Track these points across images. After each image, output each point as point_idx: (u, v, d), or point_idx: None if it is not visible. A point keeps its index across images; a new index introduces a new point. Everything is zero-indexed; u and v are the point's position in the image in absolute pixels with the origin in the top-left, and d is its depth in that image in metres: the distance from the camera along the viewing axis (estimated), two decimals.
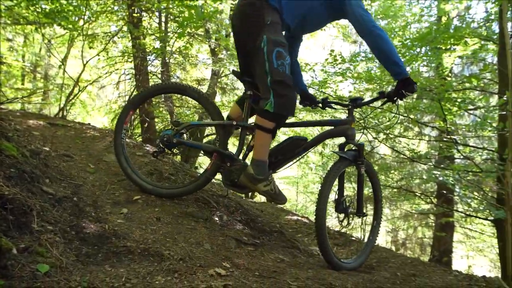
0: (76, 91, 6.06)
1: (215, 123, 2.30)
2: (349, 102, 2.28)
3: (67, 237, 1.58)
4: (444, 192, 6.53)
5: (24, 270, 1.23)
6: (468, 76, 5.35)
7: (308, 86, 3.34)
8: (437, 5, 7.04)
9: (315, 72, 6.12)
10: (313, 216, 2.24)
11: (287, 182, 12.24)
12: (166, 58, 6.29)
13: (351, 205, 2.30)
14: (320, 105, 2.41)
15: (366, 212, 2.37)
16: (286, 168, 2.34)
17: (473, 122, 6.04)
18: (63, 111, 5.29)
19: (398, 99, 2.10)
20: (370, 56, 6.32)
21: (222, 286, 1.48)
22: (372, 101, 2.34)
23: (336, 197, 2.27)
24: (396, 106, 2.25)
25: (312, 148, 2.38)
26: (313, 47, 11.73)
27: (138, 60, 5.77)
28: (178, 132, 2.29)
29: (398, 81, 2.01)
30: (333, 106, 2.49)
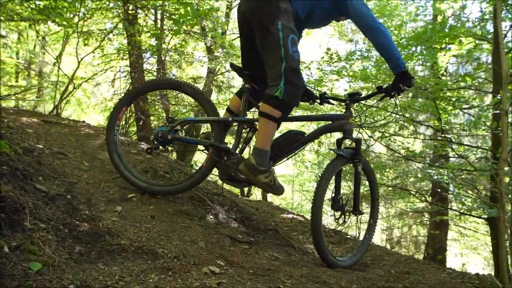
0: (71, 88, 6.01)
1: (211, 119, 2.28)
2: (347, 97, 2.30)
3: (60, 235, 1.57)
4: (439, 190, 6.57)
5: (15, 268, 1.22)
6: (463, 75, 5.37)
7: None
8: (432, 4, 7.06)
9: (311, 71, 6.12)
10: (308, 214, 2.24)
11: (283, 180, 12.25)
12: (162, 56, 6.26)
13: (348, 203, 2.32)
14: (318, 100, 2.40)
15: (362, 210, 2.38)
16: (283, 162, 2.33)
17: (467, 121, 6.08)
18: (57, 108, 5.25)
19: (396, 94, 2.14)
20: (365, 54, 6.34)
21: (216, 284, 1.47)
22: (370, 96, 2.37)
23: (332, 195, 2.28)
24: (393, 103, 2.28)
25: (310, 142, 2.38)
26: (309, 46, 11.75)
27: (134, 58, 5.73)
28: (173, 129, 2.28)
29: (396, 75, 2.06)
30: (330, 101, 2.48)
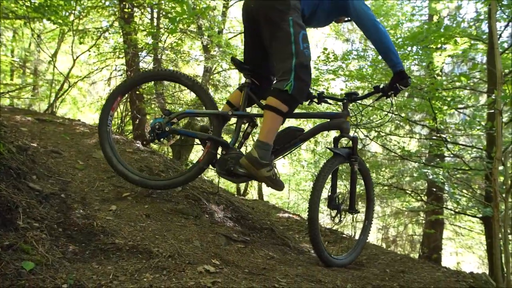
0: (66, 87, 5.98)
1: (210, 112, 2.23)
2: (344, 96, 2.33)
3: (53, 234, 1.56)
4: (434, 190, 6.60)
5: (8, 267, 1.21)
6: (458, 75, 5.40)
7: None
8: (428, 4, 7.09)
9: None
10: (305, 214, 2.24)
11: None
12: (158, 55, 6.24)
13: (344, 202, 2.33)
14: (315, 100, 2.40)
15: (358, 209, 2.40)
16: (281, 158, 2.32)
17: (462, 120, 6.11)
18: (52, 107, 5.22)
19: (393, 94, 2.17)
20: (362, 54, 6.35)
21: (210, 283, 1.47)
22: (367, 95, 2.40)
23: (329, 193, 2.30)
24: (389, 102, 2.31)
25: (308, 139, 2.38)
26: None
27: (130, 56, 5.71)
28: (171, 120, 2.21)
29: (393, 74, 2.10)
30: (328, 101, 2.49)
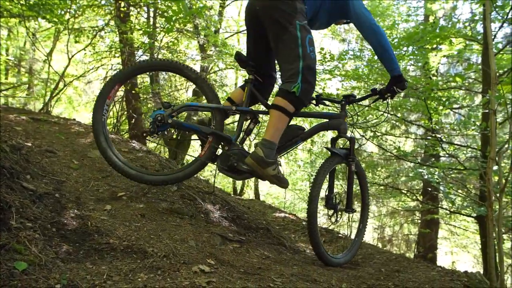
0: (61, 86, 5.94)
1: (214, 106, 2.18)
2: (342, 98, 2.38)
3: (47, 234, 1.55)
4: (430, 189, 6.63)
5: (0, 268, 1.20)
6: (453, 76, 5.42)
7: None
8: (424, 4, 7.13)
9: None
10: (301, 214, 2.26)
11: None
12: (154, 54, 6.21)
13: (341, 202, 2.37)
14: (313, 101, 2.43)
15: (355, 208, 2.43)
16: (281, 156, 2.33)
17: (457, 120, 6.15)
18: (47, 106, 5.18)
19: (389, 96, 2.23)
20: (358, 54, 6.37)
21: (205, 283, 1.47)
22: (364, 98, 2.46)
23: (326, 193, 2.32)
24: (385, 103, 2.35)
25: (308, 138, 2.41)
26: None
27: (126, 56, 5.68)
28: (174, 112, 2.14)
29: (391, 77, 2.15)
30: (326, 103, 2.52)
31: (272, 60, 2.29)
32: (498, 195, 2.34)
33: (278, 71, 2.35)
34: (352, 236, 2.54)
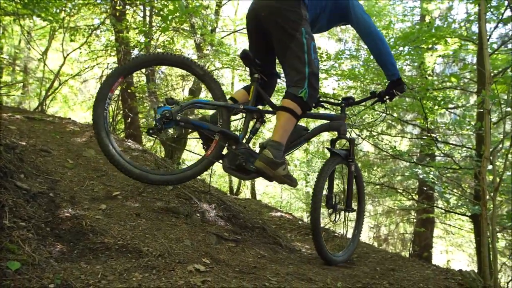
0: (57, 84, 5.91)
1: (221, 104, 2.12)
2: (341, 100, 2.44)
3: (41, 233, 1.54)
4: (425, 188, 6.66)
5: None
6: (449, 75, 5.46)
7: None
8: (420, 4, 7.16)
9: None
10: (297, 213, 2.27)
11: None
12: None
13: (340, 202, 2.42)
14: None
15: (355, 208, 2.48)
16: (285, 155, 2.35)
17: (453, 120, 6.18)
18: (42, 105, 5.15)
19: (388, 99, 2.29)
20: (354, 54, 6.39)
21: (200, 282, 1.47)
22: (363, 100, 2.51)
23: (326, 192, 2.36)
24: (383, 105, 2.38)
25: (310, 139, 2.45)
26: None
27: (121, 55, 5.65)
28: (183, 109, 2.04)
29: (390, 81, 2.21)
30: (324, 105, 2.54)
31: (273, 60, 2.31)
32: (492, 194, 2.35)
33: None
34: (349, 235, 2.56)
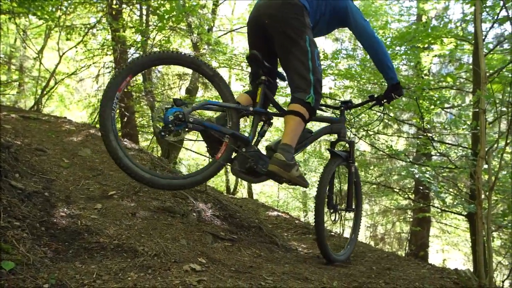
0: (53, 83, 5.88)
1: (232, 106, 2.07)
2: (340, 104, 2.52)
3: (35, 233, 1.53)
4: (421, 188, 6.69)
5: None
6: (445, 75, 5.47)
7: None
8: (417, 4, 7.18)
9: None
10: (294, 212, 2.28)
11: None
12: (148, 52, 6.16)
13: (341, 203, 2.48)
14: None
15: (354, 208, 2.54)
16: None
17: (448, 119, 6.20)
18: (38, 104, 5.12)
19: (386, 102, 2.36)
20: (351, 53, 6.40)
21: (196, 281, 1.46)
22: (362, 104, 2.59)
23: (326, 193, 2.38)
24: (381, 109, 2.43)
25: (313, 142, 2.50)
26: None
27: (118, 53, 5.63)
28: (193, 110, 1.96)
29: (389, 85, 2.28)
30: (323, 109, 2.55)
31: (275, 63, 2.33)
32: (487, 193, 2.36)
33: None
34: (345, 235, 2.58)
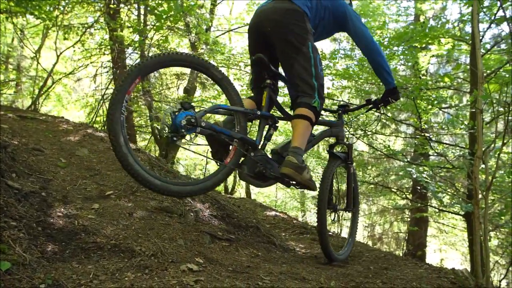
0: (50, 83, 5.86)
1: (242, 110, 2.06)
2: (338, 108, 2.58)
3: (32, 233, 1.53)
4: (419, 188, 6.70)
5: None
6: (442, 75, 5.49)
7: None
8: (414, 4, 7.19)
9: None
10: (292, 212, 2.29)
11: None
12: (145, 52, 6.15)
13: (339, 202, 2.51)
14: None
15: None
16: None
17: (446, 119, 6.22)
18: (35, 104, 5.11)
19: (383, 106, 2.43)
20: (349, 53, 6.41)
21: (193, 281, 1.46)
22: (359, 107, 2.64)
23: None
24: (375, 115, 2.47)
25: (315, 145, 2.54)
26: None
27: (115, 53, 5.62)
28: (205, 115, 1.92)
29: (386, 90, 2.33)
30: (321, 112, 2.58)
31: (277, 68, 2.33)
32: (484, 193, 2.37)
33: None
34: (343, 235, 2.59)
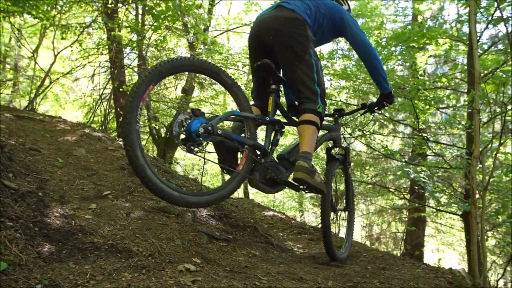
0: (47, 83, 5.84)
1: (252, 116, 2.07)
2: (334, 112, 2.64)
3: (29, 233, 1.52)
4: (417, 188, 6.72)
5: None
6: (440, 76, 5.50)
7: None
8: (412, 4, 7.21)
9: None
10: (290, 212, 2.30)
11: None
12: (143, 52, 6.14)
13: (337, 202, 2.60)
14: None
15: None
16: None
17: (443, 119, 6.23)
18: (32, 103, 5.09)
19: (378, 109, 2.51)
20: (347, 53, 6.41)
21: (191, 281, 1.46)
22: (355, 111, 2.73)
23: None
24: (373, 115, 2.53)
25: (316, 149, 2.54)
26: None
27: (113, 53, 5.61)
28: (220, 122, 1.88)
29: (381, 94, 2.40)
30: None
31: (278, 73, 2.34)
32: (481, 193, 2.38)
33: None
34: (341, 235, 2.61)
